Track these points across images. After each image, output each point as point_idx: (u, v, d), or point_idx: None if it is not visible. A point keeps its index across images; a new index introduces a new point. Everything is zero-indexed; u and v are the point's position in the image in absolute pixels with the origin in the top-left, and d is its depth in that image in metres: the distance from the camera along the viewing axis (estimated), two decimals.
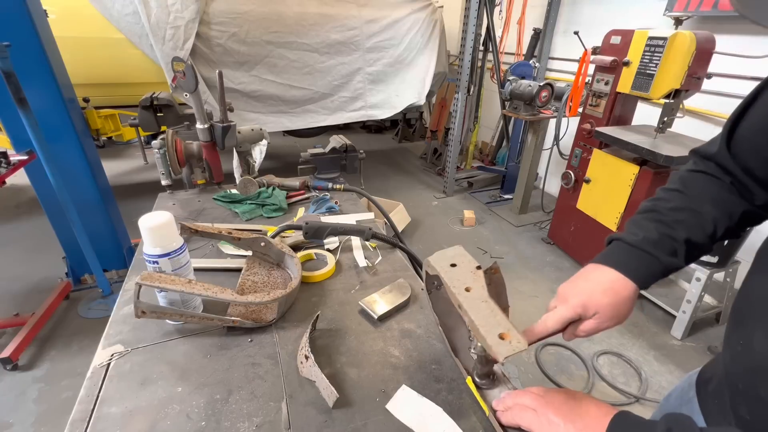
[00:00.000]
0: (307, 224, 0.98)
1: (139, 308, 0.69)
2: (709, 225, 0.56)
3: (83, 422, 0.58)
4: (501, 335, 0.47)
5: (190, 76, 1.17)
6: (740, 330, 0.49)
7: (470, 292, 0.54)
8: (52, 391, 1.75)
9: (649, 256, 0.56)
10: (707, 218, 0.56)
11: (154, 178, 3.87)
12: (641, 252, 0.56)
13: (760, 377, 0.44)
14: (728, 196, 0.56)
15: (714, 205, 0.57)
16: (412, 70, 3.93)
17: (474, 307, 0.51)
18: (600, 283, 0.56)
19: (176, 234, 0.75)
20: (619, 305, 0.54)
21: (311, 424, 0.59)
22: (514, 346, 0.45)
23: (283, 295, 0.75)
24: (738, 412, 0.49)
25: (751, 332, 0.46)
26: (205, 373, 0.67)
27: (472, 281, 0.55)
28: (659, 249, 0.56)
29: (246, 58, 3.16)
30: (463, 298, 0.53)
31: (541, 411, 0.48)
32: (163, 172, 1.30)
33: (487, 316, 0.50)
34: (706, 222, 0.56)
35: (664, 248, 0.56)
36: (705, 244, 0.57)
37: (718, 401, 0.55)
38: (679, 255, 0.56)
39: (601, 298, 0.54)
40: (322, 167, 3.02)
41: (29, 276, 2.48)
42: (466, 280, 0.55)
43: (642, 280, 0.55)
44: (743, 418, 0.48)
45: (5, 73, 1.56)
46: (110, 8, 2.72)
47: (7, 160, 1.74)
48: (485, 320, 0.49)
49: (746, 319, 0.49)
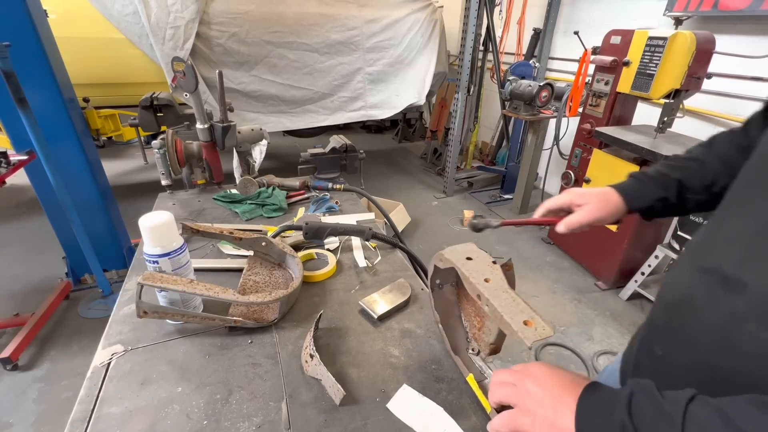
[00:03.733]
0: (307, 224, 0.98)
1: (141, 308, 0.69)
2: (709, 175, 0.64)
3: (83, 422, 0.58)
4: (526, 322, 0.48)
5: (190, 76, 1.17)
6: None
7: (490, 283, 0.55)
8: (52, 391, 1.75)
9: (641, 182, 0.69)
10: (709, 169, 0.65)
11: (154, 178, 3.87)
12: (635, 179, 0.70)
13: (676, 312, 0.52)
14: (739, 157, 0.60)
15: (721, 162, 0.64)
16: (412, 70, 3.93)
17: (496, 296, 0.52)
18: (596, 190, 0.70)
19: (176, 234, 0.75)
20: (606, 203, 0.67)
21: (311, 423, 0.59)
22: (540, 333, 0.47)
23: (285, 294, 0.75)
24: (653, 351, 0.55)
25: (678, 266, 0.55)
26: (206, 373, 0.67)
27: (490, 273, 0.57)
28: (651, 180, 0.68)
29: (246, 58, 3.16)
30: (483, 288, 0.54)
31: (520, 383, 0.49)
32: (163, 172, 1.30)
33: (509, 304, 0.51)
34: (706, 172, 0.65)
35: (656, 181, 0.67)
36: (699, 190, 0.66)
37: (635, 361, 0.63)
38: (669, 189, 0.66)
39: (593, 194, 0.69)
40: (322, 167, 3.02)
41: (29, 276, 2.48)
42: (485, 271, 0.57)
43: (629, 197, 0.68)
44: (656, 354, 0.55)
45: (5, 73, 1.56)
46: (110, 8, 2.72)
47: (7, 160, 1.74)
48: (508, 308, 0.50)
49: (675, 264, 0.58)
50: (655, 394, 0.39)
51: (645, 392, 0.40)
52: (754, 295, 0.41)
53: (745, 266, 0.43)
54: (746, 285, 0.42)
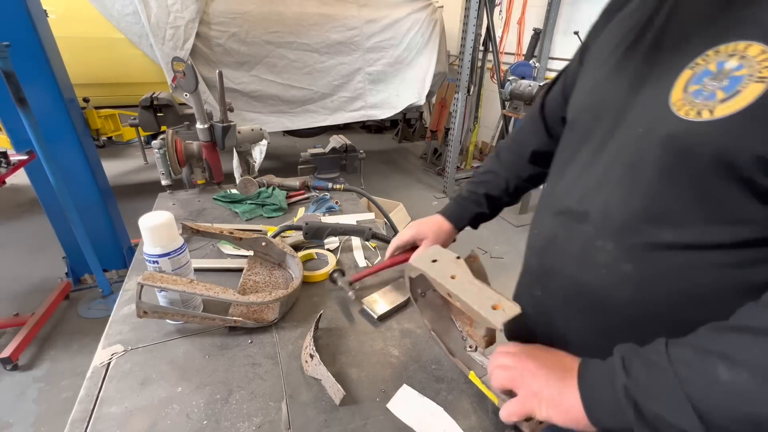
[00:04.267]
0: (307, 225, 0.98)
1: (141, 308, 0.69)
2: (503, 183, 0.81)
3: (83, 422, 0.58)
4: (494, 306, 0.51)
5: (191, 76, 1.17)
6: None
7: (456, 279, 0.57)
8: (52, 391, 1.75)
9: (459, 205, 0.83)
10: (501, 177, 0.81)
11: (154, 178, 3.86)
12: (455, 203, 0.84)
13: (546, 251, 0.61)
14: (517, 161, 0.80)
15: (507, 170, 0.81)
16: (412, 70, 3.93)
17: (462, 290, 0.55)
18: (428, 221, 0.84)
19: (176, 234, 0.75)
20: (440, 233, 0.82)
21: (311, 424, 0.59)
22: (508, 313, 0.50)
23: (285, 294, 0.75)
24: (533, 294, 0.65)
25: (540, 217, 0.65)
26: (205, 373, 0.67)
27: (456, 269, 0.58)
28: (466, 201, 0.83)
29: (246, 58, 3.16)
30: (451, 285, 0.56)
31: (519, 365, 0.51)
32: (163, 172, 1.30)
33: (476, 294, 0.54)
34: (500, 180, 0.81)
35: (470, 200, 0.82)
36: (502, 197, 0.82)
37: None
38: (481, 205, 0.82)
39: (429, 228, 0.82)
40: (322, 167, 3.02)
41: (29, 276, 2.48)
42: (450, 269, 0.59)
43: (455, 220, 0.83)
44: (535, 296, 0.64)
45: (5, 73, 1.56)
46: (110, 8, 2.72)
47: (7, 160, 1.74)
48: (476, 298, 0.53)
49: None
50: (639, 351, 0.43)
51: (632, 352, 0.43)
52: (595, 218, 0.52)
53: (584, 200, 0.54)
54: (588, 213, 0.53)
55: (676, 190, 0.46)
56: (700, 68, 0.44)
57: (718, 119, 0.41)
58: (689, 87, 0.44)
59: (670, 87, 0.46)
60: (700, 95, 0.43)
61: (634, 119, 0.50)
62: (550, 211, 0.61)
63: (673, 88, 0.45)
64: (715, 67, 0.42)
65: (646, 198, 0.47)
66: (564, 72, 0.74)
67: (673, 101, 0.45)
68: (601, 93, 0.57)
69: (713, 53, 0.43)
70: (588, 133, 0.57)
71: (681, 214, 0.46)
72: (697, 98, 0.43)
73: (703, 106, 0.42)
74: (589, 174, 0.55)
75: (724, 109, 0.40)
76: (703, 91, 0.42)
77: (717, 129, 0.41)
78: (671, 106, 0.45)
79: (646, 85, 0.50)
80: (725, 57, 0.42)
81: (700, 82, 0.43)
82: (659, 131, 0.46)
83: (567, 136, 0.64)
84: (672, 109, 0.45)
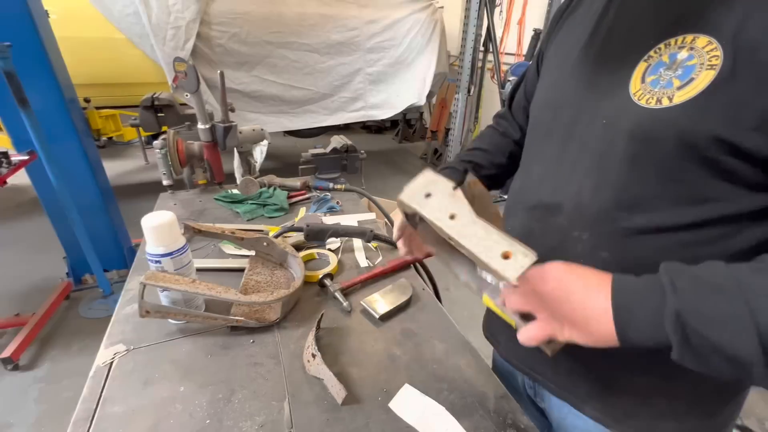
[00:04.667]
0: (308, 227, 0.98)
1: (144, 308, 0.69)
2: (491, 156, 0.82)
3: (86, 421, 0.58)
4: (504, 255, 0.42)
5: (192, 77, 1.18)
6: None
7: (455, 220, 0.47)
8: (52, 391, 1.75)
9: (451, 170, 0.81)
10: (490, 153, 0.82)
11: (154, 178, 3.87)
12: (444, 169, 0.82)
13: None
14: (502, 140, 0.83)
15: (493, 146, 0.83)
16: (413, 70, 3.93)
17: (466, 234, 0.46)
18: None
19: (179, 233, 0.75)
20: None
21: (313, 423, 0.59)
22: (521, 262, 0.42)
23: (287, 294, 0.75)
24: None
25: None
26: (208, 372, 0.67)
27: (454, 205, 0.48)
28: (455, 168, 0.81)
29: (246, 58, 3.16)
30: (452, 229, 0.47)
31: (540, 285, 0.45)
32: (164, 172, 1.30)
33: (482, 239, 0.45)
34: (488, 154, 0.82)
35: (460, 166, 0.81)
36: (489, 167, 0.81)
37: None
38: (470, 171, 0.80)
39: None
40: (323, 167, 3.02)
41: (30, 276, 2.48)
42: (447, 206, 0.49)
43: None
44: None
45: (6, 74, 1.56)
46: (111, 8, 2.72)
47: (8, 160, 1.74)
48: (482, 245, 0.44)
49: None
50: (696, 273, 0.40)
51: (685, 274, 0.40)
52: (569, 210, 0.54)
53: (556, 193, 0.56)
54: (561, 205, 0.55)
55: (644, 176, 0.48)
56: (653, 60, 0.47)
57: (677, 104, 0.43)
58: (646, 77, 0.47)
59: (628, 79, 0.49)
60: (657, 84, 0.46)
61: (594, 112, 0.52)
62: (522, 207, 0.63)
63: (631, 80, 0.48)
64: (668, 58, 0.46)
65: (616, 186, 0.49)
66: (524, 77, 0.78)
67: (633, 92, 0.48)
68: (561, 90, 0.59)
69: (664, 46, 0.46)
70: (551, 129, 0.59)
71: (650, 199, 0.48)
72: (655, 87, 0.46)
73: (662, 94, 0.45)
74: (557, 167, 0.57)
75: (681, 95, 0.43)
76: (660, 81, 0.45)
77: (678, 114, 0.43)
78: (632, 96, 0.47)
79: (603, 79, 0.52)
80: (676, 49, 0.45)
81: (656, 73, 0.46)
82: (623, 121, 0.48)
83: (530, 134, 0.67)
84: (633, 99, 0.47)
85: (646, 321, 0.40)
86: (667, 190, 0.47)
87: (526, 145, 0.68)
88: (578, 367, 0.62)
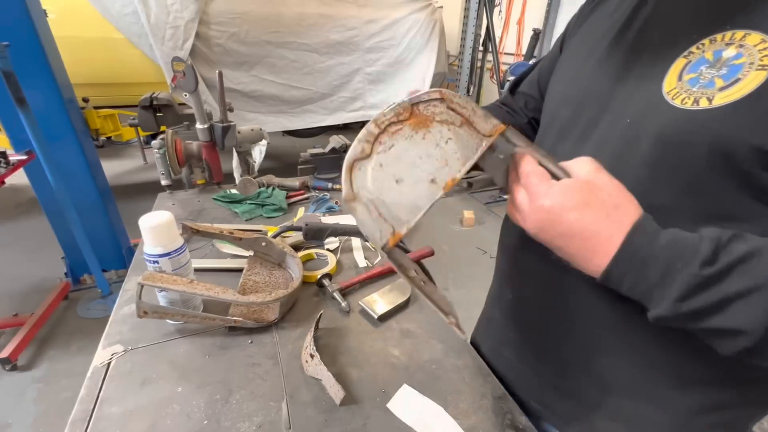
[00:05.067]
0: (307, 226, 0.98)
1: (142, 308, 0.69)
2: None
3: (84, 422, 0.58)
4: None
5: (190, 76, 1.17)
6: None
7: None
8: (51, 392, 1.75)
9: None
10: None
11: (153, 178, 3.86)
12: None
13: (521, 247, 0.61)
14: (508, 116, 0.77)
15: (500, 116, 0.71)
16: (412, 70, 3.93)
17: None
18: None
19: (177, 234, 0.75)
20: None
21: (311, 423, 0.59)
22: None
23: (285, 294, 0.75)
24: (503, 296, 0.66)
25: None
26: (206, 373, 0.67)
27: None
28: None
29: (245, 58, 3.16)
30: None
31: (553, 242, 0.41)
32: (162, 172, 1.29)
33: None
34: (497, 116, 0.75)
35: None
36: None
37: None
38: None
39: None
40: (321, 167, 3.02)
41: (28, 276, 2.48)
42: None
43: None
44: (505, 299, 0.66)
45: (5, 73, 1.56)
46: (110, 8, 2.72)
47: (7, 160, 1.73)
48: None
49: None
50: (756, 244, 0.36)
51: (735, 239, 0.36)
52: None
53: None
54: None
55: (664, 184, 0.43)
56: (695, 56, 0.42)
57: (717, 107, 0.39)
58: (684, 75, 0.42)
59: (662, 76, 0.44)
60: (696, 83, 0.41)
61: (619, 109, 0.47)
62: None
63: (666, 77, 0.43)
64: (712, 55, 0.41)
65: (634, 191, 0.43)
66: (539, 63, 0.72)
67: (667, 90, 0.43)
68: (583, 83, 0.54)
69: (708, 42, 0.41)
70: (568, 126, 0.55)
71: (668, 211, 0.43)
72: (693, 86, 0.41)
73: (700, 94, 0.40)
74: None
75: (723, 97, 0.38)
76: (699, 79, 0.41)
77: (717, 117, 0.39)
78: (665, 94, 0.43)
79: (633, 74, 0.47)
80: (722, 45, 0.40)
81: (697, 70, 0.41)
82: (651, 120, 0.44)
83: (544, 130, 0.62)
84: (666, 97, 0.43)
85: (647, 269, 0.37)
86: (689, 203, 0.42)
87: (536, 142, 0.63)
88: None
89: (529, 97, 0.74)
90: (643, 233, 0.38)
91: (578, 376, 0.57)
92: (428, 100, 0.42)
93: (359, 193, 0.44)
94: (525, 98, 0.75)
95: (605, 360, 0.53)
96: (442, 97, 0.42)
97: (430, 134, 0.43)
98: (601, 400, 0.56)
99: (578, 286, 0.51)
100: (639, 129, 0.45)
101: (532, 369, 0.65)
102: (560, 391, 0.61)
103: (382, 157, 0.43)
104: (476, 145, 0.43)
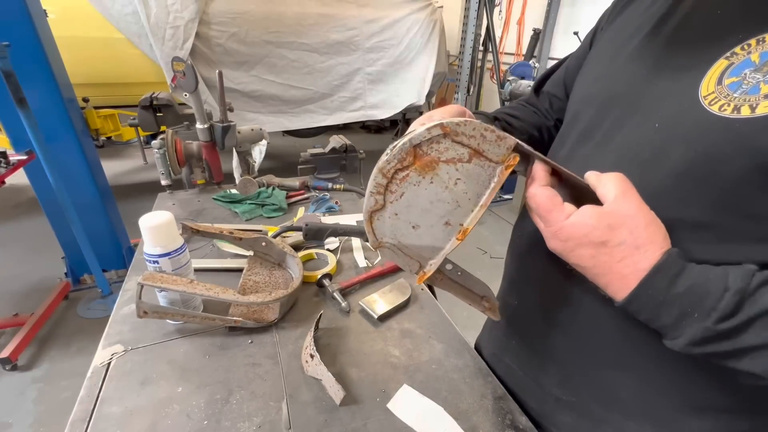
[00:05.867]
0: (307, 226, 0.98)
1: (142, 308, 0.69)
2: (521, 122, 0.71)
3: (84, 422, 0.58)
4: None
5: (190, 76, 1.17)
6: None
7: None
8: (51, 392, 1.75)
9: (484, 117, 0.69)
10: (520, 119, 0.70)
11: (153, 178, 3.86)
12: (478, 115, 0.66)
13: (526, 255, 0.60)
14: (534, 116, 0.73)
15: (527, 116, 0.72)
16: (412, 70, 3.93)
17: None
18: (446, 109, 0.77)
19: (177, 234, 0.75)
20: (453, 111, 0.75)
21: (312, 423, 0.59)
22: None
23: (285, 295, 0.75)
24: (509, 303, 0.64)
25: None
26: (206, 373, 0.67)
27: None
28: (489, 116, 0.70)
29: (246, 58, 3.16)
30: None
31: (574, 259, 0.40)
32: (162, 172, 1.29)
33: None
34: (518, 120, 0.71)
35: (490, 117, 0.70)
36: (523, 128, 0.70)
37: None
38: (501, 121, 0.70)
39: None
40: (321, 167, 3.01)
41: (28, 276, 2.48)
42: None
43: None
44: (511, 306, 0.64)
45: (5, 73, 1.56)
46: (110, 8, 2.72)
47: (7, 160, 1.74)
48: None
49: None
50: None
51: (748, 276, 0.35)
52: None
53: None
54: None
55: (694, 196, 0.39)
56: (738, 58, 0.38)
57: (760, 116, 0.35)
58: (725, 79, 0.38)
59: (699, 78, 0.39)
60: (738, 88, 0.37)
61: (648, 112, 0.43)
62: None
63: (703, 80, 0.39)
64: (758, 57, 0.36)
65: (657, 203, 0.39)
66: (565, 61, 0.68)
67: (704, 94, 0.39)
68: (610, 83, 0.50)
69: (755, 42, 0.37)
70: (590, 127, 0.51)
71: (693, 227, 0.39)
72: (734, 92, 0.37)
73: (742, 101, 0.36)
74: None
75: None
76: (742, 84, 0.37)
77: (759, 127, 0.35)
78: (701, 99, 0.39)
79: (666, 75, 0.43)
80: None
81: (740, 74, 0.37)
82: (684, 127, 0.40)
83: (565, 130, 0.58)
84: (702, 103, 0.38)
85: (654, 326, 0.37)
86: (718, 219, 0.38)
87: (556, 143, 0.59)
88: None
89: (554, 98, 0.70)
90: (662, 277, 0.36)
91: (581, 390, 0.55)
92: (430, 138, 0.40)
93: (382, 240, 0.46)
94: (550, 98, 0.71)
95: (611, 376, 0.51)
96: (445, 131, 0.40)
97: (437, 177, 0.42)
98: (603, 417, 0.53)
99: (588, 297, 0.49)
100: (668, 135, 0.41)
101: (533, 378, 0.63)
102: (561, 403, 0.58)
103: (395, 207, 0.44)
104: (489, 178, 0.43)
